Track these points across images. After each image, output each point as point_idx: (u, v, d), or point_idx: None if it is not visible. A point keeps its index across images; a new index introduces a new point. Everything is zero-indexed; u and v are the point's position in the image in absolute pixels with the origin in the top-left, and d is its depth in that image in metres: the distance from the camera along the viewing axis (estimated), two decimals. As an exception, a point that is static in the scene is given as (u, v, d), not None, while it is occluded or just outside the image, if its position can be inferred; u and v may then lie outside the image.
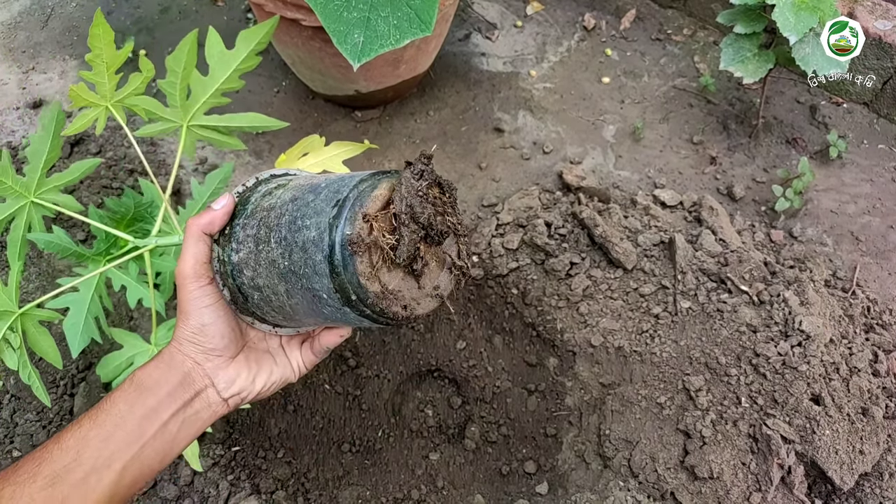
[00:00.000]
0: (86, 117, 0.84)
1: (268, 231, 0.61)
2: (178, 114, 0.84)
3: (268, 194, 0.65)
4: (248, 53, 0.84)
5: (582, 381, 1.18)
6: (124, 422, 0.59)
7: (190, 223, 0.63)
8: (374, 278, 0.55)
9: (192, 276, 0.62)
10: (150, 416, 0.60)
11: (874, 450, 1.06)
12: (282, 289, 0.61)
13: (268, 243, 0.61)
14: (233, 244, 0.64)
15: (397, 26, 0.88)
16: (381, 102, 1.56)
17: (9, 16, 1.72)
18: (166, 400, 0.61)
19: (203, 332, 0.63)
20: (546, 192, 1.38)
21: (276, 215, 0.61)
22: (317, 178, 0.65)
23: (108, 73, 0.82)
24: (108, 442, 0.58)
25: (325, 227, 0.55)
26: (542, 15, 1.78)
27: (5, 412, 1.13)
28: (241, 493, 1.07)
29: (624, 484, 1.07)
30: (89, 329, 0.84)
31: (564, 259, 1.24)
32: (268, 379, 0.67)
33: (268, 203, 0.63)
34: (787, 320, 1.10)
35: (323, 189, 0.59)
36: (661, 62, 1.68)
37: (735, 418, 1.06)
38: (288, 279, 0.60)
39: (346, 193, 0.56)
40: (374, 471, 1.14)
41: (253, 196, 0.66)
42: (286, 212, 0.60)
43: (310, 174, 0.71)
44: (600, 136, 1.54)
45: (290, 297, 0.61)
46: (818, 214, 1.41)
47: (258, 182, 0.69)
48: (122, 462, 0.58)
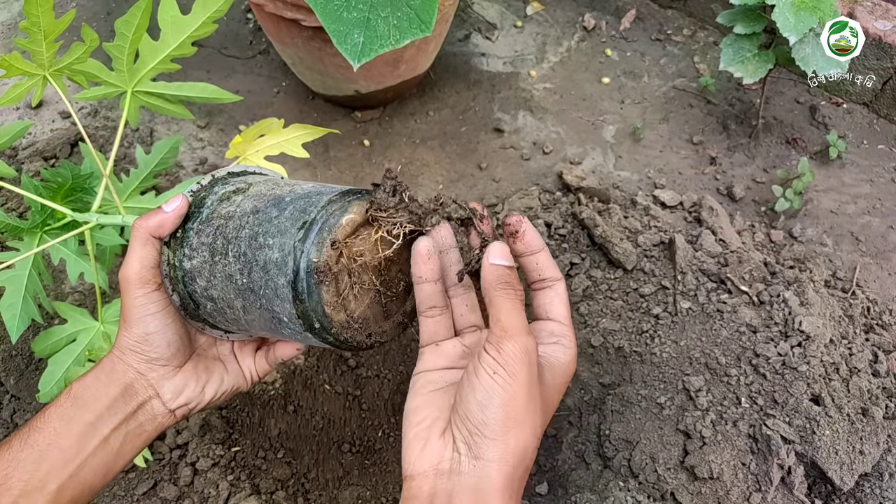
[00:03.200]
0: (20, 87, 0.77)
1: (225, 242, 0.56)
2: (123, 78, 0.78)
3: (225, 199, 0.60)
4: (204, 20, 0.78)
5: (582, 382, 1.18)
6: (59, 439, 0.55)
7: (137, 224, 0.58)
8: (339, 307, 0.51)
9: (138, 281, 0.57)
10: (88, 433, 0.56)
11: (874, 450, 1.06)
12: (238, 304, 0.57)
13: (225, 256, 0.56)
14: (185, 249, 0.59)
15: (397, 26, 0.88)
16: (381, 103, 1.56)
17: (9, 16, 1.72)
18: (106, 414, 0.56)
19: (147, 340, 0.58)
20: (546, 192, 1.38)
21: (234, 226, 0.56)
22: (280, 186, 0.59)
23: (47, 41, 0.73)
24: (41, 463, 0.54)
25: (290, 250, 0.51)
26: (542, 15, 1.78)
27: (5, 412, 1.13)
28: (241, 494, 1.07)
29: (624, 484, 1.07)
30: (28, 309, 0.77)
31: (564, 259, 1.24)
32: (218, 388, 0.63)
33: (226, 210, 0.58)
34: (787, 320, 1.10)
35: (288, 205, 0.54)
36: (661, 62, 1.68)
37: (735, 418, 1.06)
38: (245, 296, 0.56)
39: (314, 215, 0.51)
40: (375, 471, 1.14)
41: (209, 198, 0.61)
42: (246, 224, 0.56)
43: (271, 178, 0.66)
44: (600, 136, 1.54)
45: (247, 313, 0.57)
46: (818, 215, 1.41)
47: (214, 181, 0.64)
48: (57, 482, 0.54)
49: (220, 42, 1.69)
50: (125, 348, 0.58)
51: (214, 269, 0.57)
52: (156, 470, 1.08)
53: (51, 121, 1.52)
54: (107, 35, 1.68)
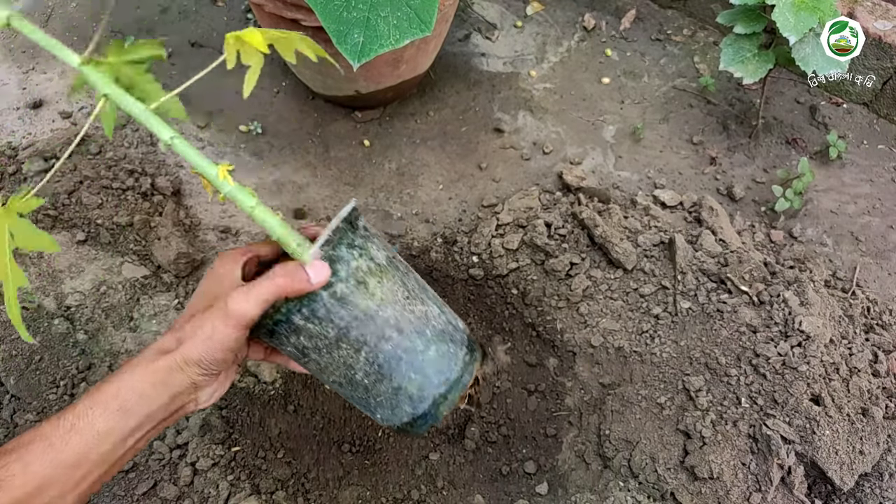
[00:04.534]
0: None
1: (360, 342, 0.60)
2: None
3: (362, 283, 0.61)
4: None
5: (582, 382, 1.18)
6: (100, 444, 0.55)
7: (280, 280, 0.57)
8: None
9: (246, 325, 0.57)
10: (126, 439, 0.56)
11: (874, 450, 1.06)
12: (337, 381, 0.64)
13: (355, 350, 0.60)
14: (304, 311, 0.60)
15: (397, 26, 0.88)
16: (381, 103, 1.56)
17: (9, 16, 1.72)
18: (146, 421, 0.57)
19: (219, 364, 0.59)
20: (546, 192, 1.38)
21: (375, 333, 0.60)
22: (421, 300, 0.65)
23: None
24: (77, 468, 0.54)
25: (431, 398, 0.63)
26: (542, 15, 1.78)
27: (5, 412, 1.12)
28: (241, 494, 1.07)
29: (624, 484, 1.07)
30: None
31: (564, 259, 1.24)
32: (229, 383, 0.65)
33: (365, 305, 0.60)
34: (787, 320, 1.10)
35: (431, 343, 0.64)
36: (661, 62, 1.68)
37: (735, 418, 1.06)
38: (354, 385, 0.63)
39: (458, 374, 0.64)
40: (374, 471, 1.14)
41: (342, 270, 0.60)
42: (389, 341, 0.61)
43: (394, 259, 0.67)
44: (600, 136, 1.54)
45: (341, 387, 0.65)
46: (818, 215, 1.41)
47: (341, 237, 0.61)
48: (88, 483, 0.55)
49: (220, 42, 1.69)
50: (192, 361, 0.58)
51: (334, 350, 0.61)
52: (156, 470, 1.08)
53: (51, 121, 1.51)
54: (107, 35, 1.68)
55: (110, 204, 1.33)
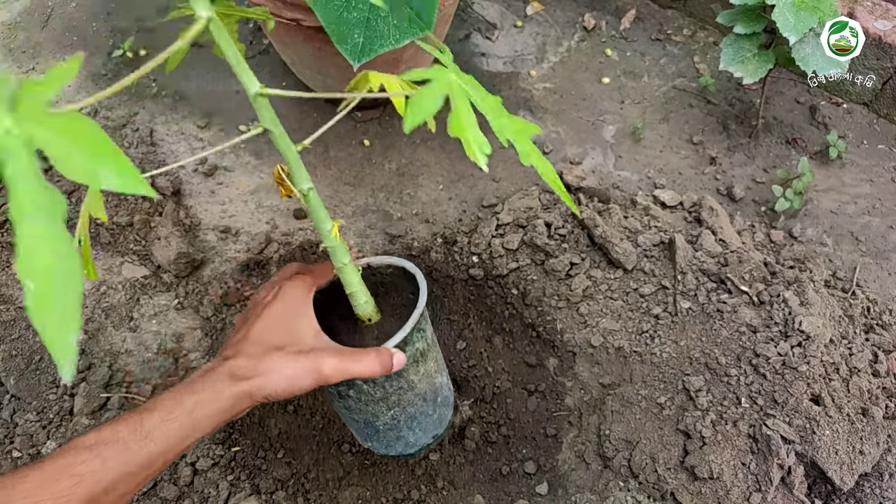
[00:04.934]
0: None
1: (395, 402, 0.76)
2: None
3: (415, 362, 0.76)
4: None
5: (582, 382, 1.18)
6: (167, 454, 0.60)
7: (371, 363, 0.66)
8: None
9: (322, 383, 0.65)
10: (184, 451, 0.62)
11: (874, 450, 1.06)
12: (355, 419, 0.80)
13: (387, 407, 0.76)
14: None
15: (397, 26, 0.88)
16: (381, 103, 1.56)
17: (9, 16, 1.72)
18: (201, 437, 0.63)
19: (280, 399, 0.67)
20: (546, 192, 1.38)
21: (408, 400, 0.77)
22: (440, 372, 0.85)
23: None
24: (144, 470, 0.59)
25: (419, 445, 0.86)
26: (542, 15, 1.78)
27: (5, 412, 1.12)
28: (241, 494, 1.07)
29: (624, 484, 1.07)
30: None
31: (564, 259, 1.24)
32: None
33: (412, 378, 0.76)
34: (787, 320, 1.10)
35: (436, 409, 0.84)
36: (661, 62, 1.68)
37: (735, 418, 1.06)
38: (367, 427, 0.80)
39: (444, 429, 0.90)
40: (374, 471, 1.14)
41: (410, 345, 0.73)
42: (414, 405, 0.79)
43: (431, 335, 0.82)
44: (600, 136, 1.54)
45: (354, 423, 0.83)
46: (818, 215, 1.41)
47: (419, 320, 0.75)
48: (142, 484, 0.60)
49: (220, 42, 1.69)
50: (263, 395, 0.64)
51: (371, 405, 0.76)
52: (156, 470, 1.08)
53: (51, 121, 1.52)
54: (107, 35, 1.68)
55: (110, 204, 1.33)
